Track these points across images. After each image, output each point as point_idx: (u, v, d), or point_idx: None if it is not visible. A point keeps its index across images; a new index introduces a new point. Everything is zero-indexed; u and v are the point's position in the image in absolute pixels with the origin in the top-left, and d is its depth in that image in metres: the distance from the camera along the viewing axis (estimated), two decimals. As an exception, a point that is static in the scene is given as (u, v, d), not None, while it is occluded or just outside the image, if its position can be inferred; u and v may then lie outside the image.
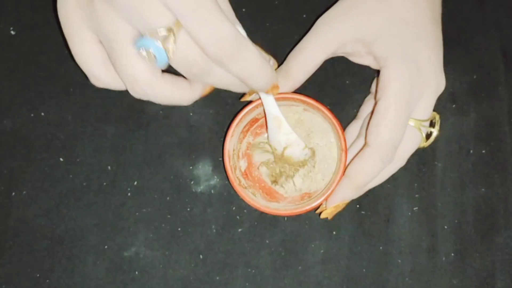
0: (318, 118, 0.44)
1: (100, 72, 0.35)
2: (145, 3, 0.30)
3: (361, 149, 0.40)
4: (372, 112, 0.40)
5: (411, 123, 0.39)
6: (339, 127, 0.41)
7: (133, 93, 0.35)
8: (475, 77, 0.48)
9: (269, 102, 0.41)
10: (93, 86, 0.37)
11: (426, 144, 0.41)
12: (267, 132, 0.43)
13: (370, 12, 0.40)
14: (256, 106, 0.42)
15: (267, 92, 0.38)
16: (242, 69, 0.33)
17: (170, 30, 0.31)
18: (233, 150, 0.43)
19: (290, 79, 0.41)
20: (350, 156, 0.41)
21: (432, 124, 0.41)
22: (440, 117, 0.46)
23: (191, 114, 0.46)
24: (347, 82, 0.47)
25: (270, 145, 0.44)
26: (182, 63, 0.33)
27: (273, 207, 0.41)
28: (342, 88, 0.47)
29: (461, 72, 0.48)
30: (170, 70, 0.34)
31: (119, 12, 0.32)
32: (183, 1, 0.30)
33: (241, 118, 0.42)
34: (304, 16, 0.48)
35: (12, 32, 0.48)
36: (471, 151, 0.46)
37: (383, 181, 0.43)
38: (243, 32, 0.35)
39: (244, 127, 0.44)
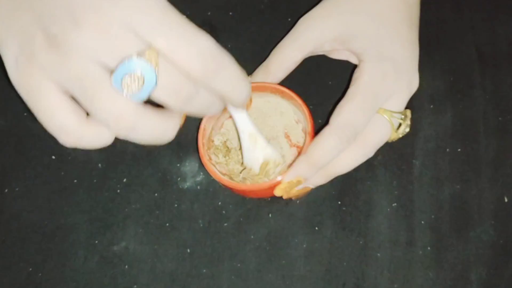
0: (289, 106, 0.45)
1: (73, 123, 0.30)
2: (112, 35, 0.27)
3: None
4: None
5: (384, 114, 0.41)
6: (307, 111, 0.42)
7: (118, 130, 0.30)
8: (451, 79, 0.49)
9: (243, 120, 0.41)
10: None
11: (395, 136, 0.42)
12: (240, 152, 0.44)
13: (348, 13, 0.42)
14: None
15: (243, 107, 0.37)
16: (227, 83, 0.30)
17: (147, 55, 0.28)
18: (211, 129, 0.44)
19: (269, 74, 0.43)
20: None
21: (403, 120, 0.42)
22: (419, 117, 0.47)
23: (179, 113, 0.48)
24: (330, 83, 0.49)
25: (245, 166, 0.44)
26: (167, 92, 0.29)
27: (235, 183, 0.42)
28: (325, 88, 0.49)
29: (439, 74, 0.49)
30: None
31: (88, 53, 0.28)
32: (151, 21, 0.27)
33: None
34: (289, 19, 0.49)
35: (5, 34, 0.49)
36: (448, 150, 0.48)
37: (364, 179, 0.44)
38: None
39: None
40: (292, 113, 0.45)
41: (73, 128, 0.30)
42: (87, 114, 0.30)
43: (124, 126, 0.29)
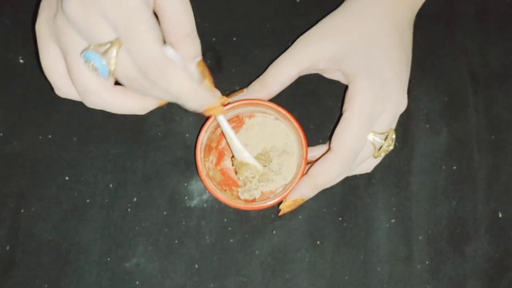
0: (285, 127, 0.47)
1: (61, 83, 0.37)
2: (91, 19, 0.33)
3: (324, 153, 0.43)
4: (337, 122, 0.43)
5: (369, 135, 0.42)
6: (302, 136, 0.44)
7: (85, 102, 0.37)
8: (446, 99, 0.51)
9: (220, 121, 0.43)
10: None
11: (377, 154, 0.43)
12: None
13: (342, 34, 0.44)
14: (234, 108, 0.45)
15: (204, 113, 0.39)
16: (170, 89, 0.35)
17: (112, 44, 0.34)
18: (207, 143, 0.46)
19: (264, 87, 0.45)
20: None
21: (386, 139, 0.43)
22: (415, 136, 0.49)
23: (187, 135, 0.49)
24: (330, 104, 0.50)
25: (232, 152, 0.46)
26: (124, 78, 0.35)
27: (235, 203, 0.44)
28: (326, 109, 0.50)
29: (434, 95, 0.51)
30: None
31: (73, 26, 0.34)
32: (119, 20, 0.33)
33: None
34: (289, 44, 0.50)
35: (21, 61, 0.50)
36: (443, 167, 0.49)
37: (364, 196, 0.46)
38: (176, 56, 0.36)
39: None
40: (285, 135, 0.48)
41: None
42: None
43: (89, 100, 0.36)
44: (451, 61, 0.51)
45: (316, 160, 0.43)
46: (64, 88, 0.38)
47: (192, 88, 0.36)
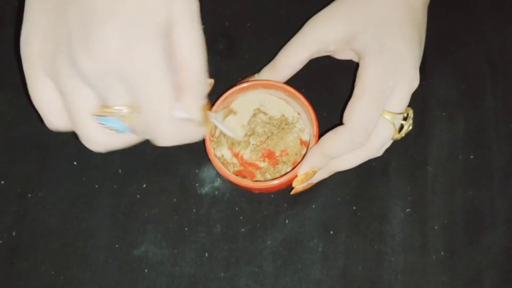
0: (295, 106, 0.46)
1: (55, 119, 0.35)
2: (108, 82, 0.31)
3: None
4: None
5: (386, 115, 0.41)
6: (313, 113, 0.43)
7: (87, 146, 0.36)
8: (463, 87, 0.50)
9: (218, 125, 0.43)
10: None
11: (398, 136, 0.43)
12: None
13: (352, 14, 0.43)
14: (242, 89, 0.44)
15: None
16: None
17: (131, 107, 0.33)
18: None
19: (275, 71, 0.45)
20: None
21: (405, 118, 0.43)
22: (432, 124, 0.48)
23: (197, 120, 0.49)
24: (344, 91, 0.49)
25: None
26: (143, 135, 0.36)
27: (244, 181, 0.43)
28: (338, 95, 0.49)
29: (451, 83, 0.50)
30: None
31: (85, 81, 0.32)
32: (139, 92, 0.32)
33: (226, 97, 0.44)
34: None
35: (29, 44, 0.50)
36: (460, 156, 0.49)
37: (379, 184, 0.46)
38: (182, 112, 0.35)
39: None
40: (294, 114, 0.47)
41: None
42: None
43: (93, 148, 0.35)
44: (469, 48, 0.51)
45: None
46: (57, 124, 0.36)
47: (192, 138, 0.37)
